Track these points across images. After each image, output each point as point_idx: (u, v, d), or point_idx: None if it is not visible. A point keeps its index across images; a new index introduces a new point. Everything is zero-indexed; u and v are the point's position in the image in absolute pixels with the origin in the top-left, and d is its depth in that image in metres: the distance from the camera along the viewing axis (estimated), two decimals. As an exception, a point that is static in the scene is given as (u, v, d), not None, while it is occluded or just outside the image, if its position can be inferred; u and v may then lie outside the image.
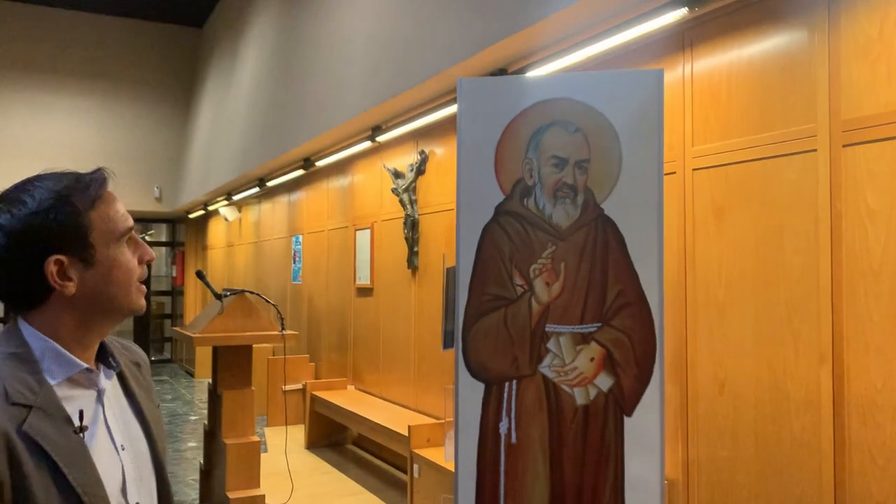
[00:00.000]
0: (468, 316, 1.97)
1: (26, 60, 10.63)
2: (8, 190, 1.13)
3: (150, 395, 1.28)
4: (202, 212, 11.03)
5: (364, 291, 6.03)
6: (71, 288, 1.09)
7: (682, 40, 3.06)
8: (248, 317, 4.58)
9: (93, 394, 1.13)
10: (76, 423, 1.05)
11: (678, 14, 2.77)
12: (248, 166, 7.65)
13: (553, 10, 3.10)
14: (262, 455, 4.73)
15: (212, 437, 4.85)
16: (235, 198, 9.14)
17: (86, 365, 1.11)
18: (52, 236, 1.08)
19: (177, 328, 5.08)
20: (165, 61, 11.48)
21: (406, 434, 4.37)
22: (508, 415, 1.93)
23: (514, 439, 1.93)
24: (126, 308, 1.15)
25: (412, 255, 5.19)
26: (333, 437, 6.10)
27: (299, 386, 6.79)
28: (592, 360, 1.90)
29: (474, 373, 1.96)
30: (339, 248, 6.58)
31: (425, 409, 4.98)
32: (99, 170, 1.17)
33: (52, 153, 10.57)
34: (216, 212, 10.59)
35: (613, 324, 1.90)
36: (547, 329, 1.93)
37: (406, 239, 5.22)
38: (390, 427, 4.63)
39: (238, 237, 9.88)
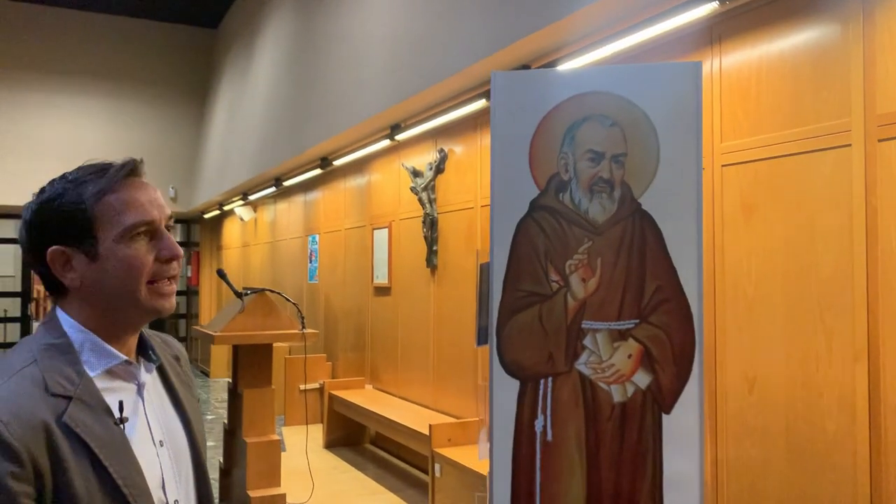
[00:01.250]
0: (502, 312, 1.95)
1: (41, 61, 10.69)
2: (48, 183, 1.12)
3: (191, 389, 1.26)
4: (217, 212, 11.06)
5: (382, 291, 6.02)
6: (75, 280, 1.07)
7: (711, 35, 3.03)
8: (268, 315, 4.57)
9: (133, 387, 1.11)
10: (116, 414, 1.04)
11: (709, 8, 2.74)
12: (264, 166, 7.66)
13: (579, 7, 3.07)
14: (281, 454, 4.72)
15: (232, 435, 4.85)
16: (251, 197, 9.16)
17: (125, 357, 1.09)
18: (55, 226, 1.06)
19: (197, 327, 5.08)
20: (180, 62, 11.52)
21: (427, 433, 4.36)
22: (544, 412, 1.90)
23: (549, 437, 1.90)
24: (140, 306, 1.08)
25: (431, 254, 5.17)
26: (351, 436, 6.08)
27: (316, 385, 6.78)
28: (630, 356, 1.88)
29: (509, 370, 1.94)
30: (356, 248, 6.58)
31: (445, 409, 4.96)
32: (128, 160, 1.13)
33: (67, 153, 10.62)
34: (231, 212, 10.61)
35: (651, 320, 1.87)
36: (583, 326, 1.91)
37: (425, 238, 5.21)
38: (411, 426, 4.61)
39: (254, 237, 9.90)
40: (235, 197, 9.75)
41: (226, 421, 5.01)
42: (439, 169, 5.10)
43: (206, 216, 11.82)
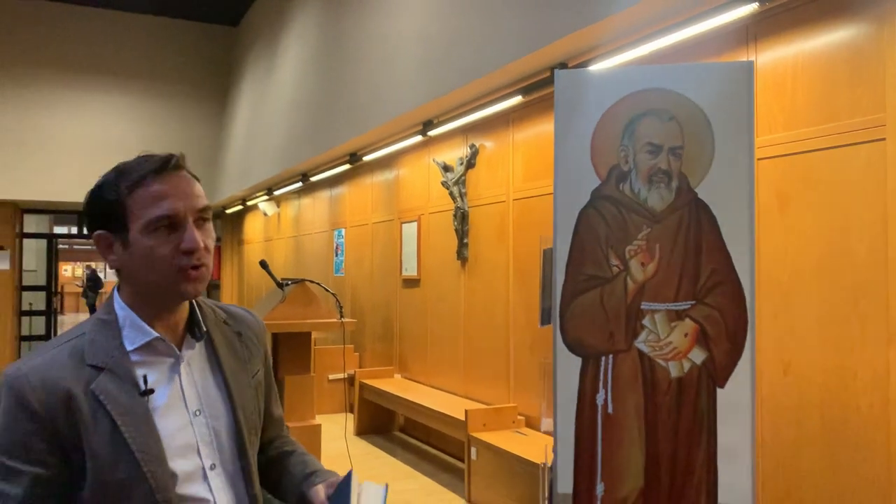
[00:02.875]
0: (565, 294, 2.09)
1: (66, 59, 10.88)
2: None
3: (250, 364, 1.33)
4: (240, 207, 11.23)
5: (410, 283, 6.17)
6: (115, 263, 1.19)
7: (746, 34, 3.16)
8: (308, 305, 4.73)
9: (169, 361, 1.21)
10: (142, 387, 1.15)
11: (749, 8, 2.87)
12: (291, 162, 7.81)
13: (619, 9, 3.20)
14: (321, 439, 4.87)
15: (271, 421, 5.01)
16: (277, 193, 9.32)
17: (157, 334, 1.19)
18: (98, 213, 1.19)
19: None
20: (201, 59, 11.68)
21: (461, 419, 4.51)
22: (605, 387, 2.05)
23: (610, 410, 2.05)
24: (170, 291, 1.19)
25: (462, 246, 5.32)
26: (381, 423, 6.24)
27: (343, 375, 6.95)
28: (686, 335, 2.02)
29: (571, 348, 2.09)
30: (383, 241, 6.73)
31: (476, 397, 5.11)
32: (168, 154, 1.21)
33: (91, 149, 10.82)
34: (253, 207, 10.78)
35: (706, 301, 2.02)
36: (642, 307, 2.05)
37: (456, 231, 5.35)
38: (446, 412, 4.76)
39: (277, 231, 10.07)
40: (259, 192, 9.92)
41: (264, 407, 5.18)
42: (470, 164, 5.24)
43: (228, 211, 12.00)
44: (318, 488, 1.31)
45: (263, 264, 4.78)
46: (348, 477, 1.30)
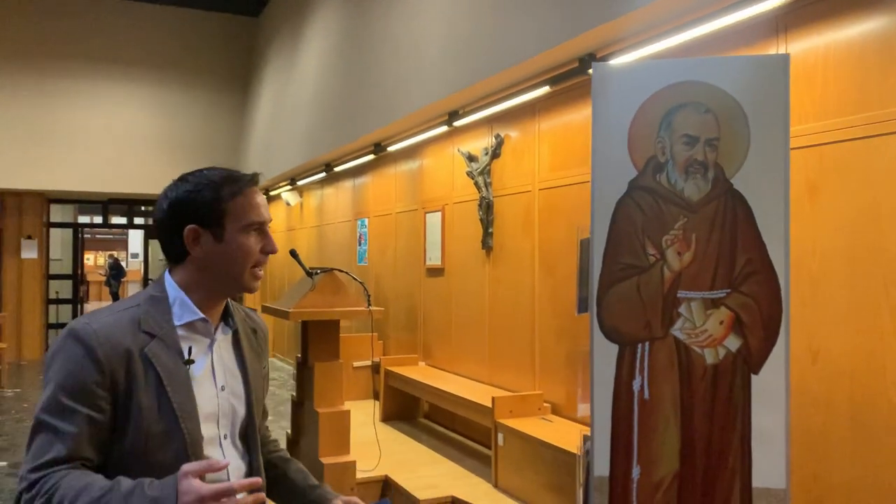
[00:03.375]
0: (602, 283, 2.15)
1: (90, 52, 11.01)
2: (185, 173, 1.46)
3: (260, 358, 1.58)
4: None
5: (435, 272, 6.23)
6: (199, 253, 1.40)
7: (776, 26, 3.18)
8: (336, 293, 4.81)
9: (206, 341, 1.43)
10: (186, 356, 1.36)
11: (780, 0, 2.89)
12: (315, 152, 7.89)
13: (649, 0, 3.23)
14: (349, 425, 4.95)
15: (300, 407, 5.11)
16: (300, 183, 9.41)
17: (202, 315, 1.41)
18: (196, 210, 1.40)
19: (267, 304, 5.34)
20: (222, 50, 11.78)
21: (487, 405, 4.58)
22: (641, 373, 2.11)
23: (646, 395, 2.11)
24: (239, 284, 1.43)
25: (487, 236, 5.37)
26: (405, 410, 6.33)
27: (367, 363, 7.04)
28: (722, 323, 2.07)
29: (608, 335, 2.14)
30: (407, 231, 6.79)
31: (501, 384, 5.18)
32: (254, 173, 1.47)
33: (115, 140, 10.97)
34: (275, 197, 10.88)
35: (742, 290, 2.07)
36: (678, 295, 2.10)
37: (481, 220, 5.41)
38: (472, 399, 4.83)
39: (299, 221, 10.17)
40: (282, 182, 10.01)
41: (293, 394, 5.28)
42: (495, 154, 5.28)
43: (250, 201, 12.11)
44: (344, 499, 1.53)
45: (294, 253, 4.86)
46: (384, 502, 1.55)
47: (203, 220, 1.40)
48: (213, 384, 1.42)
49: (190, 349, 1.35)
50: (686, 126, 2.10)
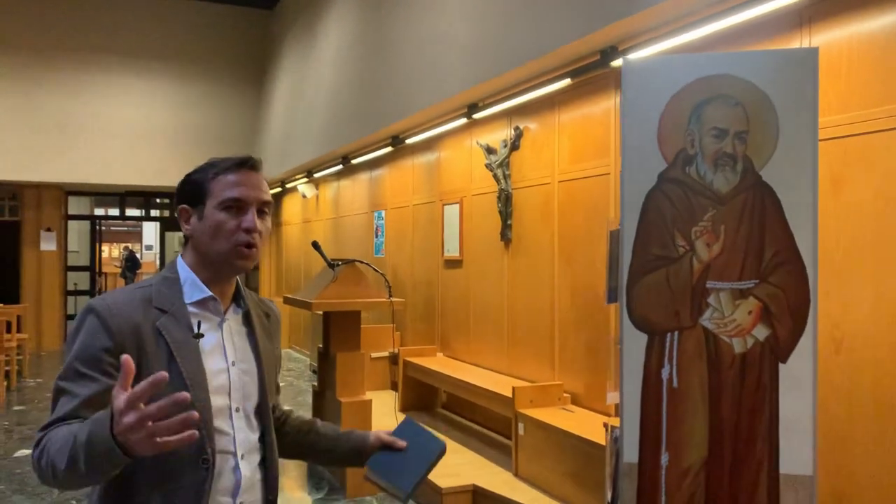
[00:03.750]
0: (632, 273, 2.19)
1: (106, 45, 11.10)
2: None
3: (272, 339, 1.64)
4: (278, 189, 11.41)
5: (452, 263, 6.28)
6: (189, 231, 1.48)
7: (801, 18, 3.20)
8: (357, 284, 4.88)
9: (216, 319, 1.50)
10: (195, 330, 1.44)
11: (806, -7, 2.90)
12: (332, 145, 7.94)
13: (673, -9, 3.25)
14: (370, 414, 5.01)
15: (321, 396, 5.18)
16: (317, 175, 9.47)
17: (211, 293, 1.47)
18: (187, 191, 1.49)
19: (289, 295, 5.41)
20: (238, 43, 11.84)
21: (507, 395, 4.63)
22: (670, 361, 2.15)
23: (675, 384, 2.15)
24: (224, 261, 1.46)
25: (505, 227, 5.41)
26: (424, 400, 6.40)
27: (385, 354, 7.11)
28: (750, 313, 2.11)
29: (638, 324, 2.19)
30: (424, 223, 6.84)
31: (520, 375, 5.23)
32: (249, 156, 1.51)
33: (131, 132, 11.07)
34: (292, 189, 10.95)
35: (770, 280, 2.10)
36: (707, 285, 2.14)
37: (500, 212, 5.45)
38: (493, 389, 4.88)
39: (315, 213, 10.24)
40: (298, 174, 10.08)
41: (314, 384, 5.35)
42: (514, 146, 5.32)
43: (265, 193, 12.19)
44: (380, 434, 1.66)
45: (316, 245, 4.93)
46: (408, 421, 1.68)
47: (191, 199, 1.47)
48: (224, 358, 1.48)
49: (199, 324, 1.42)
50: (715, 119, 2.13)
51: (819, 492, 2.97)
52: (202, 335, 1.41)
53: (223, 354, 1.48)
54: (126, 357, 1.17)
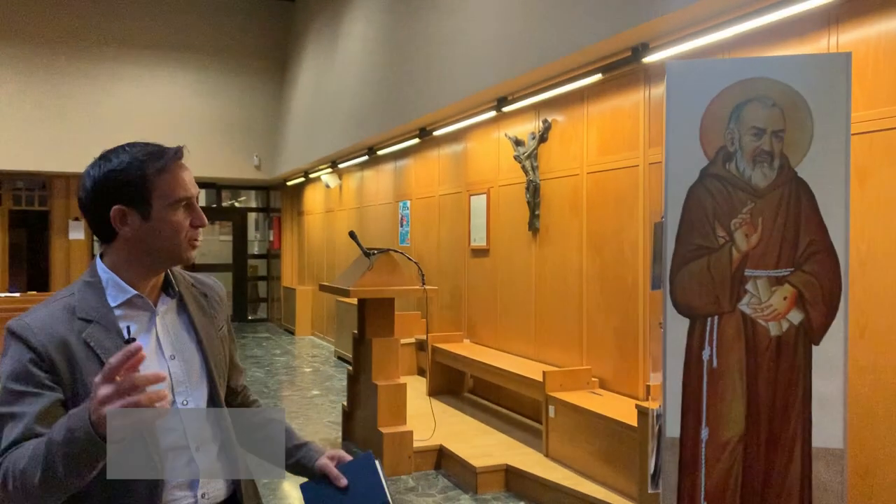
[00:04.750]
0: (675, 262, 2.36)
1: (130, 36, 11.31)
2: (107, 150, 1.44)
3: (215, 318, 1.58)
4: (301, 179, 11.61)
5: (479, 253, 6.46)
6: (127, 232, 1.40)
7: (828, 18, 3.34)
8: (392, 273, 5.06)
9: (147, 314, 1.45)
10: (125, 336, 1.33)
11: (835, -5, 3.04)
12: (359, 136, 8.11)
13: (705, -8, 3.40)
14: (404, 397, 5.20)
15: (356, 380, 5.38)
16: (341, 166, 9.65)
17: (135, 292, 1.42)
18: (120, 190, 1.39)
19: (325, 283, 5.61)
20: (260, 35, 12.02)
21: (537, 380, 4.81)
22: (710, 344, 2.32)
23: (714, 364, 2.32)
24: (173, 257, 1.43)
25: (533, 217, 5.58)
26: (452, 385, 6.60)
27: (412, 340, 7.32)
28: (785, 298, 2.28)
29: (680, 310, 2.36)
30: (451, 213, 7.02)
31: (548, 360, 5.41)
32: (178, 147, 1.44)
33: (155, 122, 11.27)
34: (314, 179, 11.14)
35: (805, 269, 2.27)
36: (746, 273, 2.31)
37: (528, 203, 5.61)
38: (522, 373, 5.07)
39: (338, 203, 10.43)
40: (322, 165, 10.26)
41: (350, 368, 5.55)
42: (542, 138, 5.48)
43: (289, 183, 12.40)
44: (325, 461, 1.57)
45: (353, 235, 5.12)
46: (369, 458, 1.55)
47: (128, 199, 1.39)
48: (161, 356, 1.44)
49: (128, 328, 1.30)
50: (754, 119, 2.29)
51: (844, 468, 3.15)
52: (134, 339, 1.28)
53: (160, 351, 1.44)
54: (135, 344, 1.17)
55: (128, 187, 1.38)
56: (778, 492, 2.28)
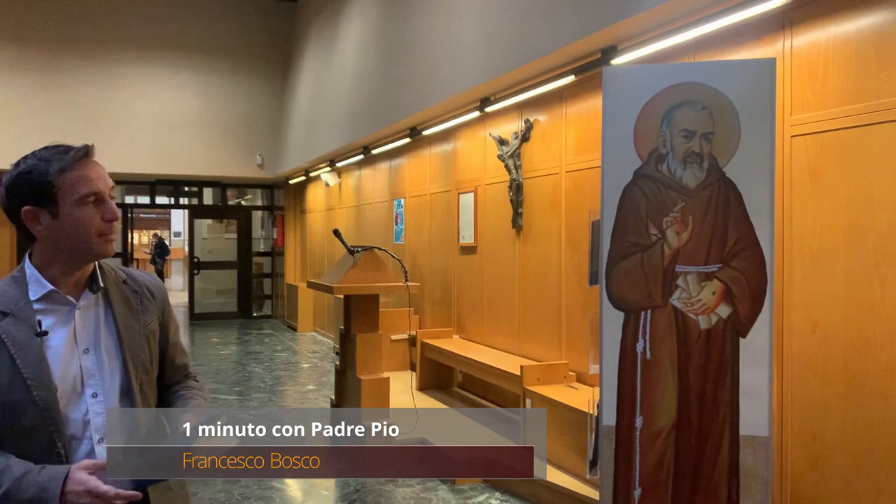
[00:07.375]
0: (610, 259, 2.47)
1: (135, 38, 11.51)
2: (23, 156, 1.51)
3: (141, 314, 1.60)
4: (303, 178, 11.78)
5: (468, 250, 6.58)
6: (41, 231, 1.46)
7: (783, 21, 3.43)
8: (376, 270, 5.19)
9: (66, 308, 1.50)
10: (39, 329, 1.43)
11: None
12: (354, 135, 8.26)
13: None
14: (388, 391, 5.34)
15: (343, 375, 5.53)
16: (339, 164, 9.80)
17: (52, 287, 1.49)
18: (28, 191, 1.45)
19: (312, 280, 5.76)
20: (263, 35, 12.19)
21: (517, 374, 4.93)
22: (644, 336, 2.44)
23: (648, 356, 2.44)
24: (86, 252, 1.48)
25: (517, 215, 5.69)
26: (441, 380, 6.73)
27: (404, 336, 7.45)
28: (714, 293, 2.39)
29: (615, 304, 2.48)
30: (441, 211, 7.14)
31: (530, 355, 5.53)
32: (85, 145, 1.50)
33: (160, 123, 11.49)
34: (315, 177, 11.30)
35: (732, 265, 2.38)
36: (677, 269, 2.42)
37: (511, 201, 5.73)
38: (502, 368, 5.19)
39: (338, 201, 10.59)
40: (322, 164, 10.42)
41: (337, 363, 5.69)
42: (525, 138, 5.59)
43: (291, 182, 12.58)
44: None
45: (336, 233, 5.26)
46: None
47: (37, 199, 1.44)
48: (76, 348, 1.48)
49: (40, 322, 1.39)
50: (685, 122, 2.40)
51: (795, 456, 3.26)
52: (46, 332, 1.37)
53: (74, 344, 1.48)
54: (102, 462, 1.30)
55: (35, 188, 1.44)
56: (708, 477, 2.39)
